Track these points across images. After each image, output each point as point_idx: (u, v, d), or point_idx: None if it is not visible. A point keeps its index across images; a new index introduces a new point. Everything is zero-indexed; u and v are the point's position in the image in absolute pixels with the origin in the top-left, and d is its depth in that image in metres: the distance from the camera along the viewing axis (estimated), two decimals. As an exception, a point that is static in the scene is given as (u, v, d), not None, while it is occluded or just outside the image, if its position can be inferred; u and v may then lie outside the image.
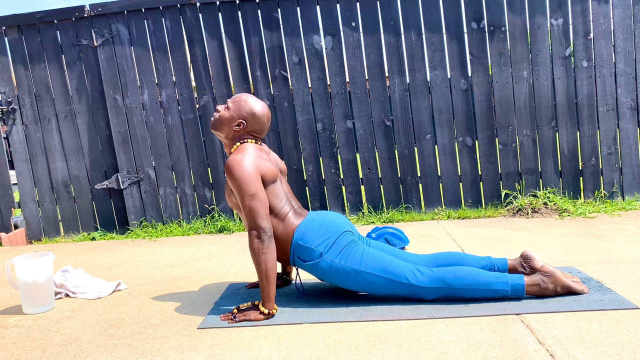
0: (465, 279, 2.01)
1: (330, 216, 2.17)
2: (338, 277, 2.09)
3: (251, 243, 1.98)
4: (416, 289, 2.04)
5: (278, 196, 2.11)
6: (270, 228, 1.99)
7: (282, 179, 2.22)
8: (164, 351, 1.82)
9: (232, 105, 2.15)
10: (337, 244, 2.09)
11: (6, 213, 4.28)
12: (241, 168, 2.00)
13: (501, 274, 2.03)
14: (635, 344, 1.61)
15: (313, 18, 3.96)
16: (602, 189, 3.90)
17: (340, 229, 2.12)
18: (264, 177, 2.05)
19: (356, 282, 2.07)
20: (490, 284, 2.00)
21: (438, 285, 2.02)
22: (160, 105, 4.13)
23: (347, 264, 2.06)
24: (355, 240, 2.14)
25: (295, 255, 2.12)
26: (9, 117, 4.20)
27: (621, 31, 3.77)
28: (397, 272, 2.04)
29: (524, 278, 2.01)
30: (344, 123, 4.02)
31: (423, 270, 2.05)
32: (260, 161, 2.06)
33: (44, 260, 2.35)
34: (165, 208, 4.20)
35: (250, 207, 1.98)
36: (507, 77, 3.88)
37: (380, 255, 2.09)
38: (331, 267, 2.07)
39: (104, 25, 4.06)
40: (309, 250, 2.08)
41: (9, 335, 2.10)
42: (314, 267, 2.09)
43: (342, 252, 2.07)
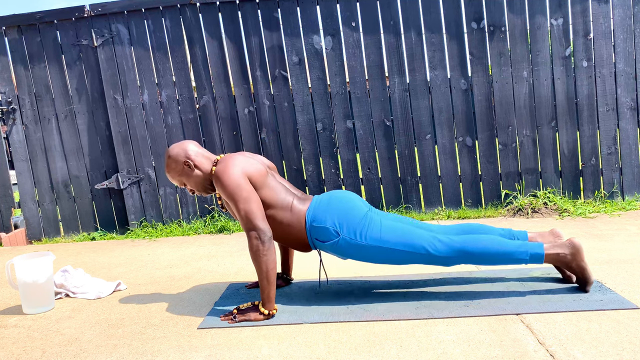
0: (486, 248, 2.01)
1: (337, 193, 2.18)
2: (359, 254, 2.09)
3: (251, 245, 1.98)
4: (436, 258, 2.04)
5: (276, 189, 2.12)
6: (269, 229, 1.99)
7: (275, 174, 2.22)
8: (164, 351, 1.82)
9: (173, 172, 2.17)
10: (351, 220, 2.08)
11: (6, 213, 4.28)
12: (228, 176, 2.01)
13: (522, 243, 2.03)
14: (635, 344, 1.61)
15: (313, 18, 3.96)
16: (602, 189, 3.90)
17: (349, 204, 2.13)
18: (253, 177, 2.06)
19: (377, 256, 2.08)
20: (511, 253, 2.01)
21: (458, 255, 2.02)
22: (160, 105, 4.13)
23: (366, 241, 2.06)
24: (369, 213, 2.13)
25: (313, 238, 2.11)
26: (9, 117, 4.20)
27: (621, 31, 3.77)
28: (416, 244, 2.04)
29: (543, 247, 2.02)
30: (344, 123, 4.02)
31: (443, 239, 2.04)
32: (244, 164, 2.07)
33: (44, 260, 2.35)
34: (165, 208, 4.20)
35: (245, 210, 1.98)
36: (507, 77, 3.88)
37: (399, 227, 2.08)
38: (350, 245, 2.07)
39: (104, 25, 4.06)
40: (324, 229, 2.08)
41: (9, 335, 2.10)
42: (334, 246, 2.09)
43: (359, 229, 2.07)
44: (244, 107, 4.07)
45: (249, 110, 4.07)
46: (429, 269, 2.60)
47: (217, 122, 4.10)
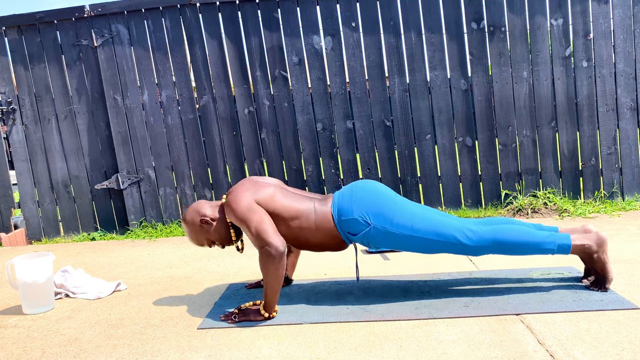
0: (516, 238, 2.03)
1: (358, 184, 2.17)
2: (391, 242, 2.08)
3: (262, 258, 1.94)
4: (467, 248, 2.04)
5: (293, 199, 2.12)
6: (282, 243, 1.94)
7: (287, 187, 2.22)
8: (164, 351, 1.82)
9: (196, 235, 2.18)
10: (379, 208, 2.07)
11: (6, 213, 4.28)
12: (236, 202, 2.03)
13: (550, 234, 2.05)
14: (635, 344, 1.61)
15: (313, 18, 3.96)
16: (602, 189, 3.90)
17: (373, 192, 2.12)
18: (262, 199, 2.06)
19: (409, 245, 2.08)
20: (540, 243, 2.03)
21: (488, 245, 2.03)
22: (160, 105, 4.13)
23: (398, 230, 2.05)
24: (396, 199, 2.12)
25: (345, 233, 2.10)
26: (9, 117, 4.20)
27: (621, 31, 3.77)
28: (448, 233, 2.04)
29: (570, 238, 2.03)
30: (344, 123, 4.02)
31: (474, 229, 2.05)
32: (252, 189, 2.08)
33: (44, 261, 2.35)
34: (165, 208, 4.20)
35: (256, 228, 1.96)
36: (507, 78, 3.88)
37: (430, 216, 2.08)
38: (382, 234, 2.06)
39: (104, 25, 4.06)
40: (353, 221, 2.07)
41: (9, 335, 2.10)
42: (366, 236, 2.07)
43: (389, 217, 2.06)
44: (244, 107, 4.07)
45: (249, 111, 4.07)
46: (428, 269, 2.60)
47: (217, 123, 4.10)
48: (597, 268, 2.07)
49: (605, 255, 2.06)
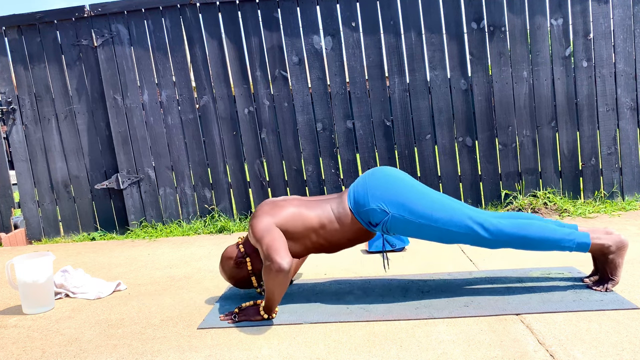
0: (535, 234, 2.02)
1: (371, 172, 2.16)
2: (410, 231, 2.07)
3: (265, 272, 1.92)
4: (484, 240, 2.03)
5: (312, 208, 2.11)
6: (287, 262, 1.89)
7: (303, 199, 2.20)
8: (164, 351, 1.82)
9: (239, 277, 2.20)
10: (395, 196, 2.06)
11: (6, 213, 4.28)
12: (255, 224, 2.04)
13: (570, 231, 2.04)
14: (635, 344, 1.61)
15: (313, 18, 3.96)
16: (602, 189, 3.90)
17: (386, 178, 2.10)
18: (284, 222, 2.06)
19: (427, 234, 2.06)
20: (559, 240, 2.02)
21: (506, 238, 2.02)
22: (160, 105, 4.13)
23: (417, 219, 2.04)
24: (414, 187, 2.09)
25: (366, 223, 2.09)
26: (9, 117, 4.20)
27: (621, 31, 3.77)
28: (467, 225, 2.02)
29: (590, 237, 2.03)
30: (344, 123, 4.02)
31: (493, 222, 2.03)
32: (272, 212, 2.08)
33: (44, 260, 2.35)
34: (165, 208, 4.20)
35: (267, 246, 1.94)
36: (507, 77, 3.88)
37: (450, 205, 2.06)
38: (401, 222, 2.04)
39: (104, 25, 4.06)
40: (372, 211, 2.06)
41: (9, 335, 2.10)
42: (386, 225, 2.06)
43: (407, 205, 2.04)
44: (244, 107, 4.07)
45: (249, 111, 4.07)
46: (428, 269, 2.60)
47: (217, 122, 4.10)
48: (608, 270, 2.07)
49: (621, 259, 2.05)
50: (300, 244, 2.10)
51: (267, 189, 4.14)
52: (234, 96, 4.07)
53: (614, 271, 2.06)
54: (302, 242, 2.10)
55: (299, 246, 2.10)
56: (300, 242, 2.09)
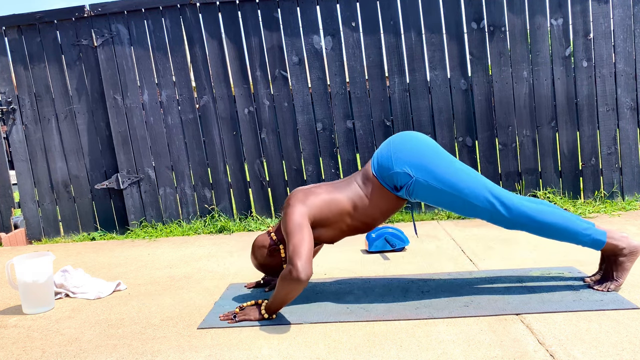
0: (554, 221, 2.01)
1: (396, 136, 2.12)
2: (432, 198, 2.04)
3: (283, 275, 1.90)
4: (503, 218, 2.02)
5: (342, 190, 2.08)
6: (307, 274, 1.86)
7: (332, 184, 2.16)
8: (164, 351, 1.82)
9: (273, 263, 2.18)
10: (420, 159, 2.03)
11: (6, 213, 4.28)
12: (290, 215, 2.00)
13: (588, 226, 2.04)
14: (635, 344, 1.61)
15: (313, 18, 3.95)
16: (602, 189, 3.90)
17: (413, 143, 2.07)
18: (317, 210, 2.03)
19: (448, 203, 2.04)
20: (576, 232, 2.02)
21: (525, 221, 2.01)
22: (160, 105, 4.13)
23: (441, 186, 2.01)
24: (440, 154, 2.06)
25: (392, 187, 2.05)
26: (9, 117, 4.20)
27: (621, 31, 3.77)
28: (489, 200, 2.00)
29: (606, 235, 2.03)
30: (344, 123, 4.02)
31: (516, 203, 2.01)
32: (305, 201, 2.04)
33: (44, 260, 2.35)
34: (165, 208, 4.20)
35: (293, 246, 1.92)
36: (507, 77, 3.88)
37: (475, 177, 2.03)
38: (424, 188, 2.02)
39: (104, 25, 4.06)
40: (395, 175, 2.03)
41: (9, 335, 2.10)
42: (409, 189, 2.03)
43: (432, 171, 2.01)
44: (244, 107, 4.07)
45: (249, 110, 4.07)
46: (428, 269, 2.60)
47: (217, 122, 4.10)
48: (615, 271, 2.06)
49: (630, 264, 2.05)
50: (336, 228, 2.08)
51: (267, 189, 4.14)
52: (234, 96, 4.07)
53: (620, 273, 2.05)
54: (337, 227, 2.07)
55: (335, 231, 2.08)
56: (336, 226, 2.07)
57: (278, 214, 4.13)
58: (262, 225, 4.00)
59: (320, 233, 2.09)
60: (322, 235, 2.10)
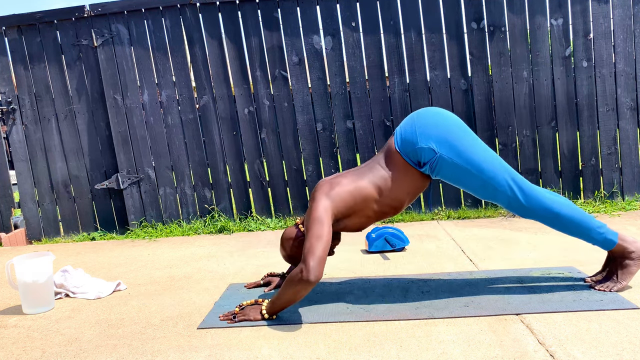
0: (571, 215, 2.01)
1: (419, 112, 2.07)
2: (454, 177, 2.02)
3: (296, 274, 1.90)
4: (519, 206, 2.01)
5: (364, 175, 2.06)
6: (319, 274, 1.87)
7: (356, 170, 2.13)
8: (163, 351, 1.82)
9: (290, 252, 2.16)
10: (445, 135, 1.99)
11: (6, 213, 4.28)
12: (315, 207, 1.98)
13: (602, 224, 2.05)
14: (635, 344, 1.61)
15: (313, 18, 3.96)
16: (602, 189, 3.90)
17: (437, 119, 2.03)
18: (341, 203, 2.00)
19: (469, 183, 2.01)
20: (589, 229, 2.02)
21: (541, 212, 2.01)
22: (160, 105, 4.13)
23: (466, 165, 1.98)
24: (466, 132, 2.03)
25: (416, 163, 2.02)
26: (9, 117, 4.20)
27: (621, 31, 3.77)
28: (509, 183, 1.99)
29: (618, 237, 2.04)
30: (344, 123, 4.02)
31: (534, 190, 2.00)
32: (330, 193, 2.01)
33: (44, 260, 2.35)
34: (165, 208, 4.20)
35: (311, 245, 1.91)
36: (507, 77, 3.88)
37: (497, 160, 2.01)
38: (448, 165, 1.99)
39: (104, 25, 4.06)
40: (420, 150, 2.00)
41: (9, 335, 2.10)
42: (432, 165, 2.00)
43: (457, 148, 1.98)
44: (244, 107, 4.07)
45: (249, 110, 4.07)
46: (428, 269, 2.60)
47: (217, 122, 4.10)
48: (620, 273, 2.06)
49: (636, 268, 2.05)
50: (362, 216, 2.05)
51: (267, 189, 4.14)
52: (234, 96, 4.07)
53: (624, 276, 2.06)
54: (364, 214, 2.05)
55: (362, 219, 2.06)
56: (362, 214, 2.05)
57: (278, 213, 4.13)
58: (262, 225, 4.00)
59: (347, 223, 2.07)
60: (349, 224, 2.07)
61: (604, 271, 2.15)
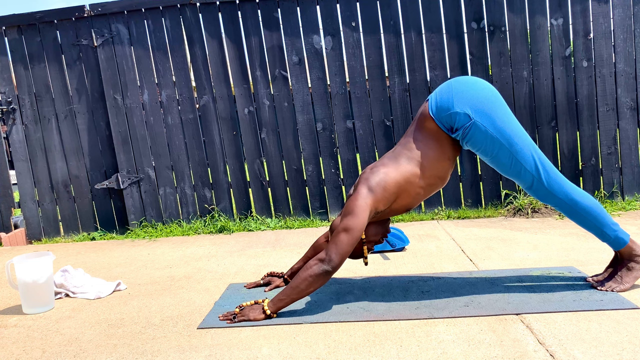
0: (590, 207, 2.02)
1: (458, 79, 2.06)
2: (484, 147, 2.00)
3: (312, 265, 1.92)
4: (540, 187, 2.01)
5: (402, 154, 2.04)
6: (338, 266, 1.92)
7: (392, 151, 2.11)
8: (164, 351, 1.82)
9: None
10: (481, 104, 1.98)
11: (6, 213, 4.28)
12: (355, 201, 1.97)
13: (616, 224, 2.06)
14: (635, 344, 1.61)
15: (313, 18, 3.96)
16: (602, 189, 3.90)
17: (476, 88, 2.01)
18: (381, 193, 1.99)
19: (497, 156, 2.00)
20: (604, 225, 2.04)
21: (560, 197, 2.01)
22: (160, 105, 4.13)
23: (498, 136, 1.97)
24: (501, 103, 2.01)
25: (448, 129, 2.01)
26: (9, 117, 4.20)
27: (621, 31, 3.77)
28: (535, 161, 1.99)
29: (629, 238, 2.06)
30: (344, 123, 4.02)
31: (556, 174, 2.01)
32: (372, 181, 1.99)
33: (44, 260, 2.35)
34: (165, 208, 4.20)
35: (341, 236, 1.92)
36: (507, 77, 3.88)
37: (527, 136, 2.01)
38: (481, 134, 1.97)
39: (104, 25, 4.06)
40: (455, 115, 1.98)
41: (9, 335, 2.10)
42: (465, 132, 1.98)
43: (492, 117, 1.97)
44: (244, 107, 4.07)
45: (249, 110, 4.07)
46: (428, 269, 2.60)
47: (217, 122, 4.10)
48: (624, 274, 2.07)
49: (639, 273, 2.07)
50: (409, 196, 2.04)
51: (267, 188, 4.14)
52: (234, 96, 4.07)
53: (627, 278, 2.06)
54: (412, 194, 2.04)
55: (409, 199, 2.05)
56: (409, 194, 2.03)
57: (278, 213, 4.13)
58: (262, 225, 4.00)
59: (394, 207, 2.06)
60: (397, 207, 2.06)
61: (607, 271, 2.15)
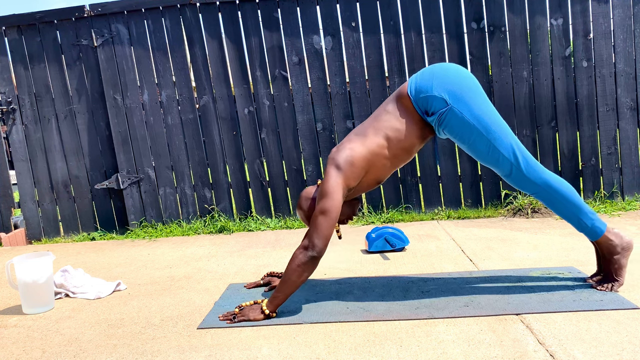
0: (568, 194, 2.03)
1: (440, 65, 2.06)
2: (460, 134, 2.00)
3: (297, 254, 1.94)
4: (518, 175, 2.02)
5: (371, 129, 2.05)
6: (323, 250, 1.93)
7: (362, 125, 2.11)
8: (163, 351, 1.82)
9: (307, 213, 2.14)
10: (460, 91, 1.98)
11: (6, 213, 4.28)
12: (328, 179, 1.98)
13: (594, 213, 2.06)
14: (635, 344, 1.61)
15: (313, 18, 3.95)
16: (602, 189, 3.90)
17: (457, 75, 2.01)
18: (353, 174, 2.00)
19: (474, 143, 2.00)
20: (583, 213, 2.04)
21: (539, 184, 2.02)
22: (160, 105, 4.13)
23: (475, 123, 1.97)
24: (479, 92, 2.01)
25: (422, 112, 2.01)
26: (8, 117, 4.20)
27: (621, 31, 3.77)
28: (513, 149, 1.99)
29: (606, 227, 2.06)
30: (344, 123, 4.02)
31: (535, 162, 2.02)
32: (339, 160, 2.00)
33: (44, 260, 2.35)
34: (165, 208, 4.19)
35: (318, 221, 1.93)
36: (507, 77, 3.88)
37: (505, 125, 2.01)
38: (457, 120, 1.97)
39: (104, 25, 4.06)
40: (432, 98, 1.98)
41: (9, 335, 2.10)
42: (441, 117, 1.98)
43: (469, 104, 1.97)
44: (244, 107, 4.06)
45: (249, 110, 4.07)
46: (428, 269, 2.60)
47: (217, 122, 4.10)
48: (613, 270, 2.08)
49: (625, 260, 2.07)
50: (378, 168, 2.04)
51: (267, 189, 4.14)
52: (234, 96, 4.07)
53: (618, 272, 2.07)
54: (379, 166, 2.04)
55: (379, 171, 2.05)
56: (377, 167, 2.04)
57: (278, 213, 4.13)
58: (262, 225, 4.00)
59: (365, 182, 2.06)
60: (368, 181, 2.06)
61: (601, 271, 2.16)
